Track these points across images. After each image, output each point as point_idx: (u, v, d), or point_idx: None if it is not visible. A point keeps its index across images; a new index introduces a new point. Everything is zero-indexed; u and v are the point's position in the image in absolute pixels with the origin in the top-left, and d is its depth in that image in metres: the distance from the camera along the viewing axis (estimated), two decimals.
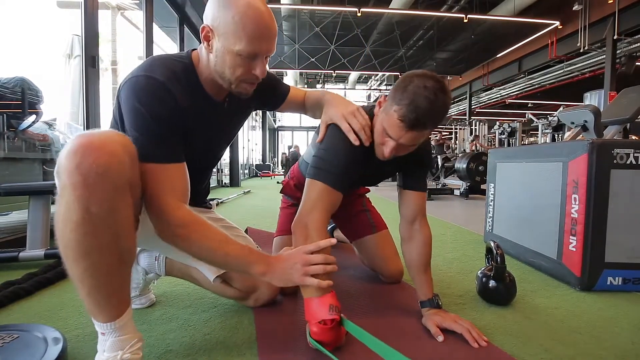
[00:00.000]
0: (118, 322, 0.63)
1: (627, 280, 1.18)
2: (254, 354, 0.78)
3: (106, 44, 5.26)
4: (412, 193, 1.00)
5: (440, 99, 0.77)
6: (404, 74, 0.85)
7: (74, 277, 0.59)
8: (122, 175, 0.59)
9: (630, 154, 1.17)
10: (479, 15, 7.71)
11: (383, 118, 0.84)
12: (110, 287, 0.61)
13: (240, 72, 0.75)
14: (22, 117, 2.55)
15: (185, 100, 0.75)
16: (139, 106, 0.69)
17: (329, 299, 0.75)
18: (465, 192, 4.29)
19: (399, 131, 0.80)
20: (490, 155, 1.96)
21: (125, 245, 0.62)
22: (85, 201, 0.55)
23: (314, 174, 0.88)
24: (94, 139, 0.57)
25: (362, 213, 1.32)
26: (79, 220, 0.55)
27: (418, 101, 0.76)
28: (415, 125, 0.78)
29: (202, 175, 0.98)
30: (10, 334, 0.79)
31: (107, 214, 0.57)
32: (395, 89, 0.82)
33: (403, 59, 11.23)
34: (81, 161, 0.54)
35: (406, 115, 0.77)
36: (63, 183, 0.56)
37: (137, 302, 1.03)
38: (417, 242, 0.98)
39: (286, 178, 1.35)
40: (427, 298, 0.92)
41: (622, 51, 7.26)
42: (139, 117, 0.69)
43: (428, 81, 0.77)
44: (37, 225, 1.48)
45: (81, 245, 0.57)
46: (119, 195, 0.59)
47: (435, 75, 0.79)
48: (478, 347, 0.79)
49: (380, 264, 1.24)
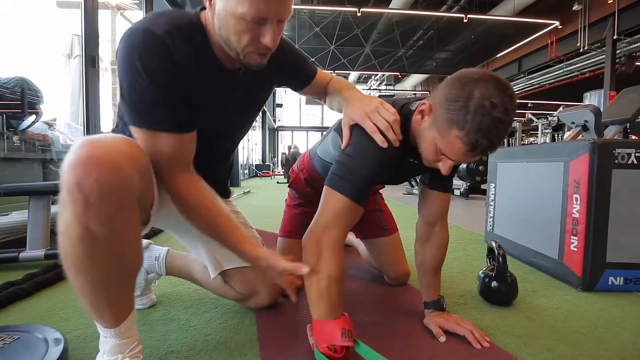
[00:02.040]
0: (119, 329, 0.62)
1: (629, 280, 1.18)
2: (255, 354, 0.78)
3: (106, 44, 5.26)
4: (437, 194, 0.91)
5: (512, 114, 0.63)
6: (455, 76, 0.68)
7: (74, 287, 0.57)
8: (128, 192, 0.55)
9: (632, 154, 1.17)
10: (478, 15, 7.72)
11: (437, 138, 0.70)
12: (112, 297, 0.60)
13: (247, 39, 0.64)
14: (22, 117, 2.54)
15: (188, 61, 0.66)
16: (134, 64, 0.61)
17: (341, 323, 0.71)
18: (465, 192, 4.28)
19: (465, 157, 0.69)
20: (490, 155, 1.96)
21: (129, 258, 0.60)
22: (84, 220, 0.51)
23: (336, 184, 0.76)
24: (98, 151, 0.52)
25: (375, 213, 1.25)
26: (78, 238, 0.52)
27: (488, 125, 0.62)
28: (487, 151, 0.67)
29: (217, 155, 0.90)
30: (11, 334, 0.79)
31: (108, 233, 0.54)
32: (450, 101, 0.66)
33: (403, 58, 11.25)
34: (82, 178, 0.50)
35: (477, 144, 0.64)
36: (63, 197, 0.52)
37: (139, 303, 1.03)
38: (433, 245, 0.92)
39: (294, 169, 1.22)
40: (432, 300, 0.91)
41: (622, 51, 7.27)
42: (134, 77, 0.61)
43: (492, 90, 0.63)
44: (37, 225, 1.48)
45: (80, 261, 0.54)
46: (123, 213, 0.55)
47: (498, 79, 0.65)
48: (480, 348, 0.79)
49: (388, 266, 1.23)
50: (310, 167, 1.13)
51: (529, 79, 10.74)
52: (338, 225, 0.75)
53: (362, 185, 0.76)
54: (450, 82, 0.68)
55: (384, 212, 1.27)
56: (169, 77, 0.63)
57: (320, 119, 18.31)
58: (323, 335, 0.71)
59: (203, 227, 0.74)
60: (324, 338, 0.71)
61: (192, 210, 0.72)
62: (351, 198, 0.75)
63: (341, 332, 0.69)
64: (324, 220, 0.76)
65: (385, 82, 15.17)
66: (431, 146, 0.73)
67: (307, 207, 1.18)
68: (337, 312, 0.73)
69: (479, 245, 1.87)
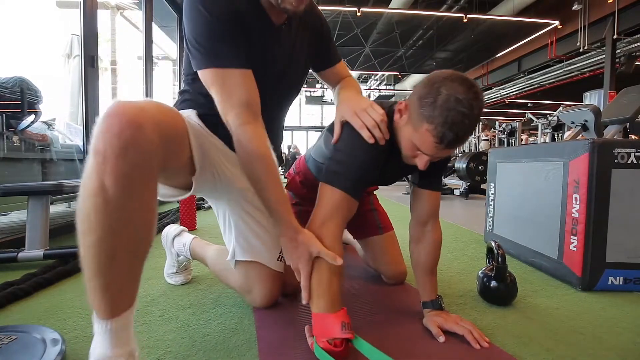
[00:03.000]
0: (114, 322, 0.56)
1: (629, 280, 1.18)
2: (254, 354, 0.78)
3: (105, 44, 5.26)
4: (427, 192, 0.94)
5: (476, 108, 0.69)
6: (427, 77, 0.75)
7: (81, 257, 0.55)
8: (146, 155, 0.54)
9: (632, 154, 1.17)
10: (478, 15, 7.71)
11: (412, 134, 0.76)
12: (114, 274, 0.56)
13: None
14: (21, 117, 2.54)
15: (244, 8, 0.73)
16: (197, 8, 0.68)
17: (340, 316, 0.72)
18: (465, 192, 4.28)
19: (436, 150, 0.74)
20: (490, 155, 1.96)
21: (139, 233, 0.57)
22: (100, 172, 0.51)
23: (330, 179, 0.81)
24: (125, 110, 0.53)
25: (369, 212, 1.28)
26: (93, 189, 0.52)
27: (454, 118, 0.68)
28: (454, 144, 0.72)
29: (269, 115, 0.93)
30: (9, 335, 0.79)
31: (121, 192, 0.52)
32: (421, 100, 0.72)
33: (403, 58, 11.25)
34: (105, 131, 0.51)
35: (443, 136, 0.70)
36: (91, 146, 0.53)
37: (173, 279, 1.24)
38: (427, 244, 0.94)
39: (291, 172, 1.26)
40: (430, 299, 0.92)
41: (622, 51, 7.26)
42: (200, 18, 0.68)
43: (458, 88, 0.69)
44: (36, 225, 1.48)
45: (89, 218, 0.53)
46: (139, 175, 0.54)
47: (464, 78, 0.71)
48: (479, 348, 0.79)
49: (384, 265, 1.23)
50: (306, 170, 1.17)
51: (528, 78, 10.74)
52: (335, 219, 0.79)
53: (355, 178, 0.80)
54: (422, 83, 0.75)
55: (378, 212, 1.29)
56: (229, 18, 0.70)
57: (320, 119, 18.30)
58: (322, 329, 0.71)
59: (261, 183, 0.75)
60: (324, 332, 0.71)
61: (257, 162, 0.74)
62: (346, 191, 0.79)
63: (341, 325, 0.70)
64: (322, 215, 0.79)
65: (385, 82, 15.14)
66: (408, 142, 0.78)
67: (304, 206, 1.20)
68: (337, 306, 0.74)
69: (478, 245, 1.87)
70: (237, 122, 0.72)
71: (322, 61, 1.02)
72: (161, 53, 6.26)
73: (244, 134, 0.73)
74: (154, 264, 1.47)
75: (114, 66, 5.49)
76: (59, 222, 2.08)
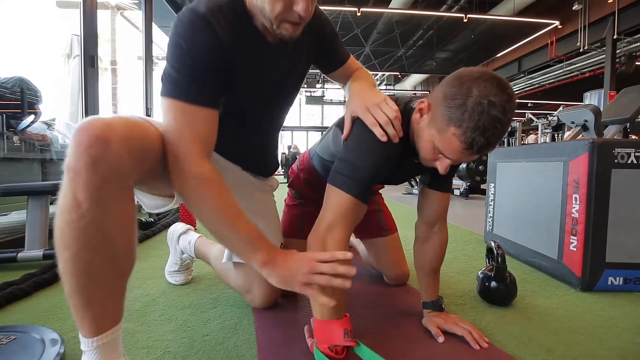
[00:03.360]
0: (99, 340, 0.55)
1: (628, 280, 1.18)
2: (253, 355, 0.78)
3: (105, 44, 5.26)
4: (438, 194, 0.90)
5: (510, 113, 0.63)
6: (454, 74, 0.68)
7: (60, 271, 0.54)
8: (115, 169, 0.54)
9: (631, 154, 1.16)
10: (478, 15, 7.71)
11: (435, 136, 0.69)
12: (93, 292, 0.54)
13: (280, 8, 0.65)
14: (21, 117, 2.54)
15: (229, 35, 0.68)
16: (178, 39, 0.65)
17: (343, 323, 0.69)
18: (465, 192, 4.28)
19: (462, 156, 0.68)
20: (490, 154, 1.96)
21: (118, 248, 0.56)
22: (73, 187, 0.51)
23: (338, 182, 0.75)
24: (93, 126, 0.53)
25: (374, 213, 1.23)
26: (67, 207, 0.52)
27: (486, 124, 0.62)
28: (484, 150, 0.66)
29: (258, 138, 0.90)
30: (8, 335, 0.79)
31: (94, 207, 0.52)
32: (449, 100, 0.65)
33: (403, 58, 11.26)
34: (77, 145, 0.52)
35: (473, 141, 0.64)
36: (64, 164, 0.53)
37: (173, 279, 1.24)
38: (433, 245, 0.92)
39: (294, 168, 1.22)
40: (431, 300, 0.91)
41: (622, 51, 7.26)
42: (177, 50, 0.65)
43: (491, 89, 0.62)
44: (35, 225, 1.48)
45: (64, 234, 0.53)
46: (112, 188, 0.54)
47: (496, 77, 0.64)
48: (479, 349, 0.79)
49: (387, 266, 1.23)
50: (311, 167, 1.12)
51: (528, 78, 10.74)
52: (343, 224, 0.75)
53: (366, 182, 0.75)
54: (449, 80, 0.68)
55: (384, 212, 1.26)
56: (211, 54, 0.66)
57: (321, 118, 18.29)
58: (324, 336, 0.70)
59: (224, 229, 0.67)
60: (326, 338, 0.70)
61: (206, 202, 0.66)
62: (355, 196, 0.74)
63: (344, 333, 0.68)
64: (328, 219, 0.75)
65: (385, 81, 15.16)
66: (429, 144, 0.72)
67: (307, 206, 1.17)
68: (340, 313, 0.72)
69: (478, 245, 1.87)
70: (186, 156, 0.64)
71: (329, 62, 0.96)
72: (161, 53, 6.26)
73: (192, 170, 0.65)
74: (154, 263, 1.47)
75: (114, 66, 5.49)
76: None
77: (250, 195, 0.95)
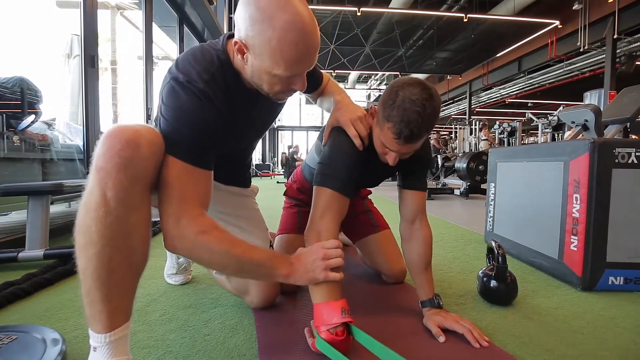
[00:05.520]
0: (112, 335, 0.59)
1: (629, 280, 1.18)
2: (254, 354, 0.78)
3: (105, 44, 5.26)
4: (412, 192, 1.01)
5: (429, 108, 0.77)
6: (390, 84, 0.86)
7: (79, 270, 0.58)
8: (143, 170, 0.60)
9: (632, 154, 1.16)
10: (478, 15, 7.72)
11: (379, 133, 0.86)
12: (111, 287, 0.58)
13: (279, 88, 0.73)
14: (21, 117, 2.54)
15: (225, 104, 0.73)
16: (181, 114, 0.67)
17: (340, 303, 0.75)
18: (465, 192, 4.28)
19: (397, 146, 0.83)
20: (490, 154, 1.96)
21: (136, 247, 0.60)
22: (103, 186, 0.56)
23: (320, 181, 0.89)
24: (124, 131, 0.59)
25: (364, 214, 1.32)
26: (95, 204, 0.56)
27: (408, 116, 0.77)
28: (411, 139, 0.80)
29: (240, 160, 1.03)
30: (9, 335, 0.79)
31: (121, 205, 0.57)
32: (383, 103, 0.82)
33: (403, 58, 11.25)
34: (109, 148, 0.57)
35: (400, 131, 0.79)
36: (92, 166, 0.58)
37: (172, 280, 1.25)
38: (417, 242, 0.97)
39: (289, 181, 1.36)
40: (427, 298, 0.92)
41: (622, 50, 7.25)
42: (181, 119, 0.67)
43: (414, 91, 0.78)
44: (36, 225, 1.48)
45: (91, 230, 0.56)
46: (137, 189, 0.59)
47: (420, 82, 0.80)
48: (479, 348, 0.79)
49: (382, 263, 1.24)
50: (302, 178, 1.28)
51: (528, 78, 10.73)
52: (329, 215, 0.86)
53: (343, 176, 0.89)
54: (386, 89, 0.85)
55: (373, 212, 1.35)
56: (212, 125, 0.70)
57: (320, 119, 18.29)
58: (323, 317, 0.74)
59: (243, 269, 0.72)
60: (325, 319, 0.73)
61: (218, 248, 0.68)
62: (335, 189, 0.88)
63: (341, 311, 0.73)
64: (318, 212, 0.87)
65: (385, 81, 15.13)
66: (377, 140, 0.88)
67: (302, 207, 1.28)
68: (337, 295, 0.77)
69: (478, 245, 1.87)
70: (189, 213, 0.66)
71: (311, 88, 1.05)
72: (161, 53, 6.26)
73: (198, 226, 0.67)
74: (154, 264, 1.47)
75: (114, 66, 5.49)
76: (59, 222, 2.08)
77: (236, 203, 1.04)
